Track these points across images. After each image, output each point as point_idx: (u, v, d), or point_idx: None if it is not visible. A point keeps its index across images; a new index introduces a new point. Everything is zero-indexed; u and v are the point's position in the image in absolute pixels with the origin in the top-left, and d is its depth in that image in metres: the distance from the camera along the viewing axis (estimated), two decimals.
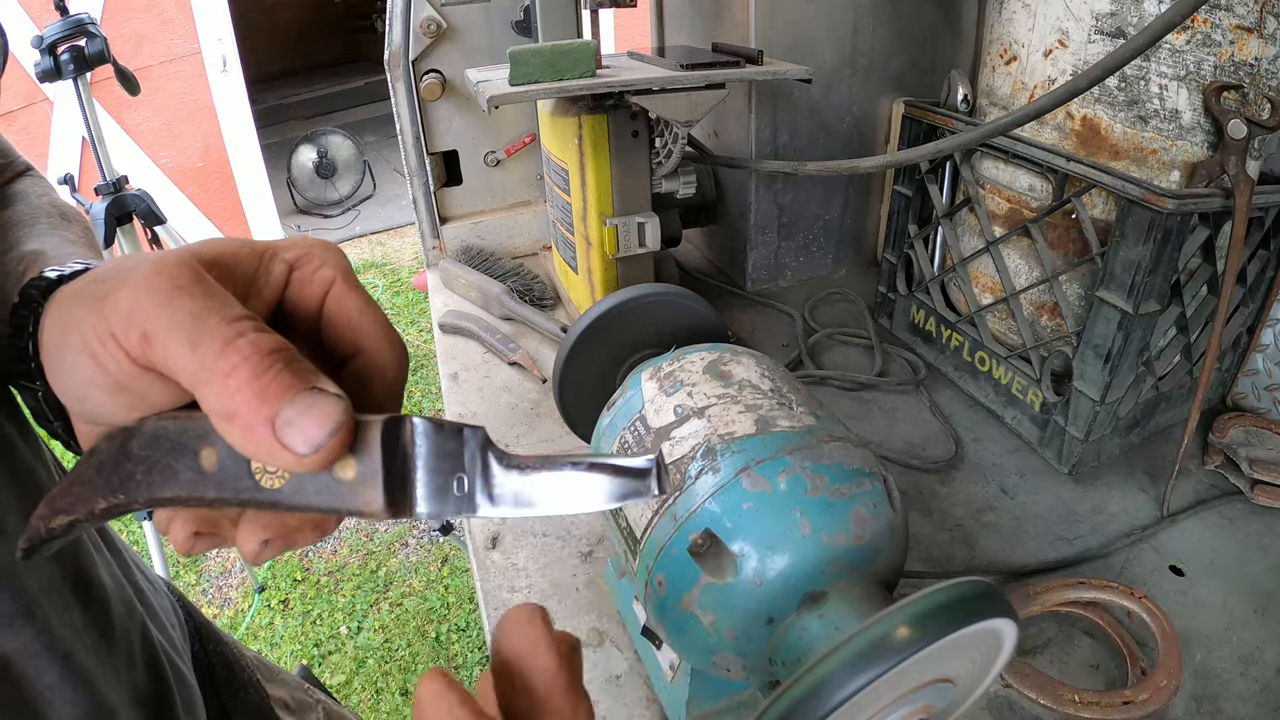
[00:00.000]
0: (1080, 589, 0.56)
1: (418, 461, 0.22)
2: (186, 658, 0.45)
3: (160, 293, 0.20)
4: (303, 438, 0.19)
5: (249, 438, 0.20)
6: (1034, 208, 0.73)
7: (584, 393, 0.60)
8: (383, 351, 0.26)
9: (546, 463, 0.23)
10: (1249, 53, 0.60)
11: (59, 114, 2.71)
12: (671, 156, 0.83)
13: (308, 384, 0.20)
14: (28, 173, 0.42)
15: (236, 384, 0.19)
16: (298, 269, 0.25)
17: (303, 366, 0.20)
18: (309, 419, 0.19)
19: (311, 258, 0.25)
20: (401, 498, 0.22)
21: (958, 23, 1.00)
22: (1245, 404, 0.79)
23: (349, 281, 0.25)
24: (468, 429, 0.23)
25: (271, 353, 0.20)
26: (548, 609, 0.25)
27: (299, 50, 5.84)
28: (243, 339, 0.20)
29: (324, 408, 0.20)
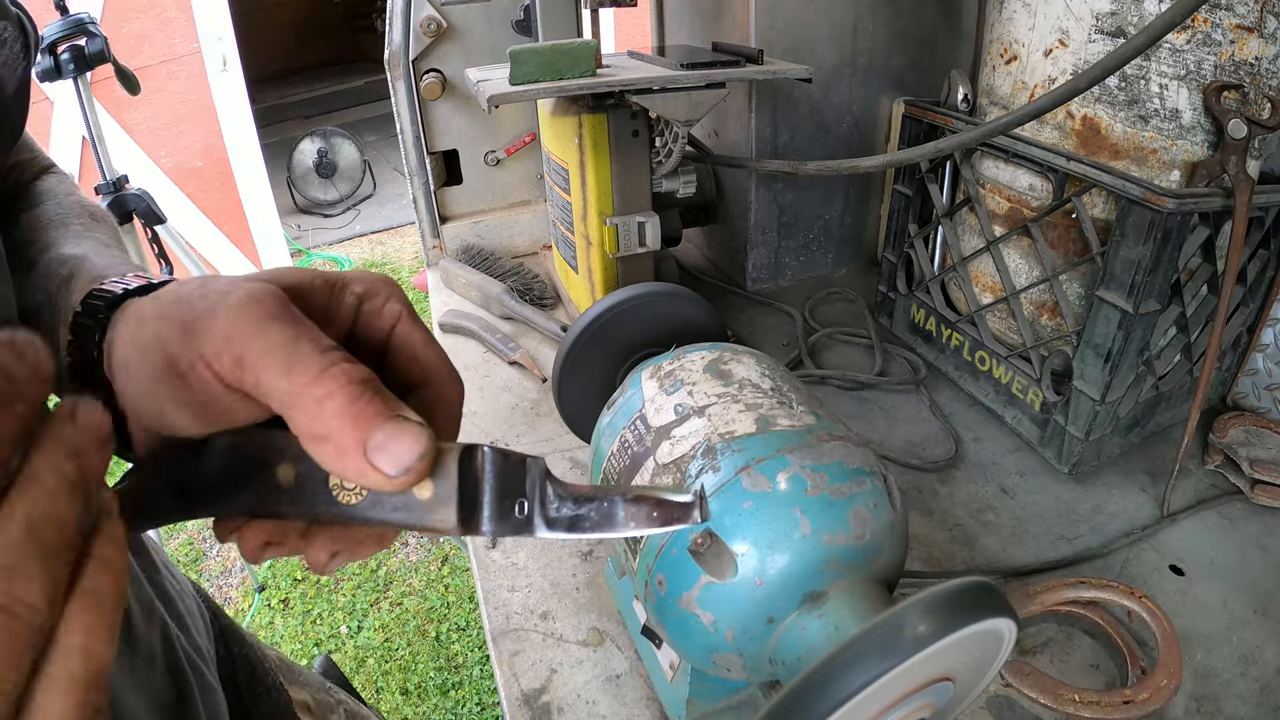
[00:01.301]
0: (1080, 589, 0.56)
1: (486, 486, 0.24)
2: (211, 662, 0.45)
3: (254, 321, 0.21)
4: (392, 460, 0.21)
5: (342, 458, 0.21)
6: (1034, 207, 0.73)
7: (584, 392, 0.60)
8: (446, 384, 0.27)
9: (598, 492, 0.26)
10: (1249, 52, 0.60)
11: (59, 114, 2.71)
12: (671, 156, 0.83)
13: (395, 411, 0.21)
14: (51, 170, 0.42)
15: (332, 409, 0.21)
16: (366, 301, 0.26)
17: (389, 395, 0.22)
18: (399, 444, 0.21)
19: (378, 291, 0.27)
20: (471, 517, 0.24)
21: (958, 22, 1.00)
22: (1245, 404, 0.79)
23: (414, 316, 0.27)
24: (530, 459, 0.25)
25: (363, 382, 0.21)
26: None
27: (299, 50, 5.84)
28: (336, 367, 0.21)
29: (413, 434, 0.21)
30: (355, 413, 0.21)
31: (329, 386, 0.21)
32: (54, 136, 2.74)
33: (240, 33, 2.99)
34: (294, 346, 0.21)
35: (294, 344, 0.21)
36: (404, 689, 1.60)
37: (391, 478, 0.21)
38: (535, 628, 0.59)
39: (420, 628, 1.74)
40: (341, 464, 0.21)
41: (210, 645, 0.47)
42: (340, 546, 0.25)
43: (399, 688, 1.60)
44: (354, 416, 0.21)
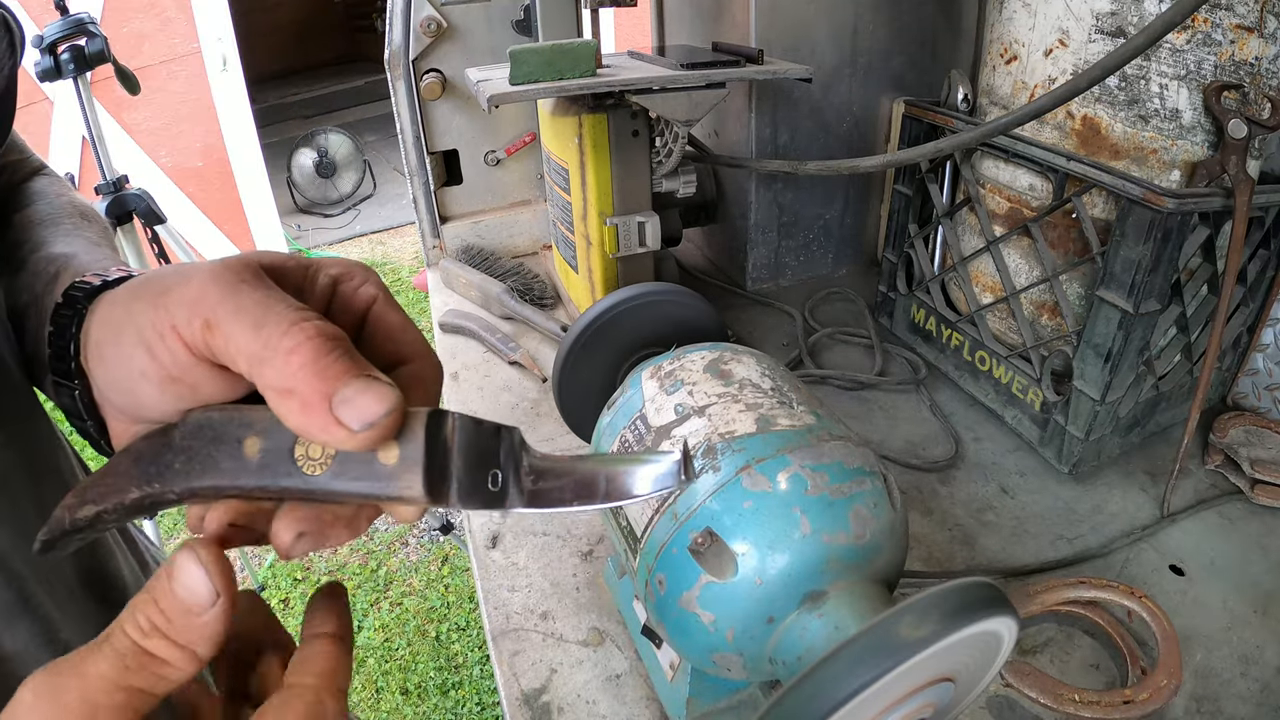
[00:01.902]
0: (1080, 589, 0.56)
1: (455, 454, 0.23)
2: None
3: (226, 285, 0.22)
4: (357, 415, 0.21)
5: (306, 413, 0.21)
6: (1034, 207, 0.73)
7: (584, 392, 0.60)
8: (424, 364, 0.27)
9: (576, 463, 0.24)
10: (1249, 52, 0.60)
11: (59, 113, 2.71)
12: (672, 156, 0.83)
13: (365, 370, 0.21)
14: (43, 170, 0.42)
15: (299, 361, 0.21)
16: (341, 284, 0.27)
17: (359, 356, 0.22)
18: (366, 398, 0.21)
19: (354, 275, 0.27)
20: (440, 486, 0.23)
21: (958, 22, 1.00)
22: (1245, 403, 0.79)
23: (389, 299, 0.27)
24: (504, 428, 0.24)
25: (334, 337, 0.21)
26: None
27: (299, 50, 5.84)
28: (307, 323, 0.21)
29: (379, 390, 0.21)
30: (323, 367, 0.21)
31: (298, 338, 0.21)
32: (54, 136, 2.74)
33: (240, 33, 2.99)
34: (265, 305, 0.21)
35: (265, 303, 0.21)
36: (404, 689, 1.60)
37: (355, 433, 0.21)
38: (535, 628, 0.59)
39: (420, 628, 1.74)
40: (306, 419, 0.21)
41: None
42: (306, 527, 0.25)
43: (399, 688, 1.60)
44: (321, 370, 0.21)
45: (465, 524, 0.71)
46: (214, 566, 0.22)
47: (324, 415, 0.21)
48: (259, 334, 0.21)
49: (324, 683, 0.24)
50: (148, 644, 0.22)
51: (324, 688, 0.24)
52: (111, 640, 0.22)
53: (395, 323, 0.27)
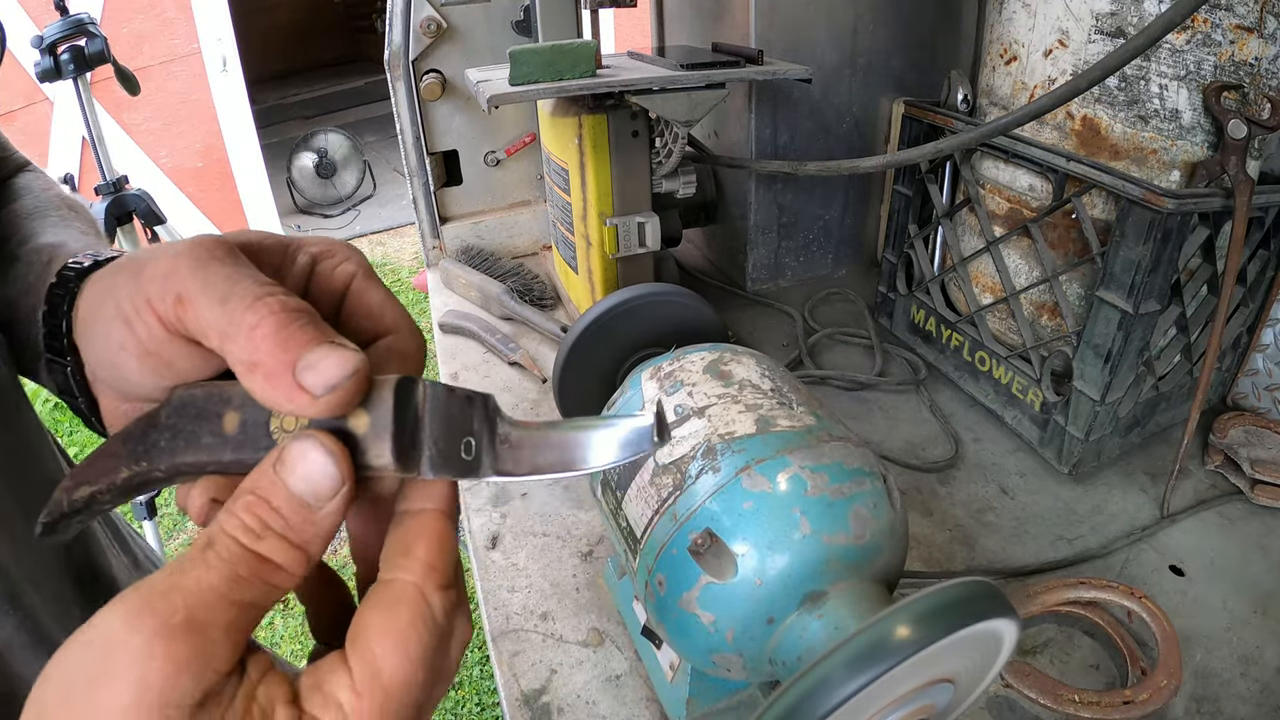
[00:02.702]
0: (1080, 589, 0.56)
1: (426, 421, 0.23)
2: None
3: (197, 260, 0.22)
4: (320, 379, 0.21)
5: (270, 383, 0.21)
6: (1034, 208, 0.73)
7: (584, 393, 0.60)
8: (405, 336, 0.27)
9: (549, 428, 0.24)
10: (1249, 52, 0.60)
11: (59, 114, 2.71)
12: (671, 156, 0.83)
13: (329, 338, 0.21)
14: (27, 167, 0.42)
15: (262, 334, 0.21)
16: (321, 261, 0.26)
17: (325, 325, 0.22)
18: (328, 362, 0.21)
19: (334, 253, 0.27)
20: (410, 453, 0.22)
21: (958, 23, 1.00)
22: (1245, 404, 0.79)
23: (370, 275, 0.27)
24: (478, 395, 0.24)
25: (296, 309, 0.21)
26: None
27: (299, 50, 5.84)
28: (271, 297, 0.21)
29: (341, 354, 0.21)
30: (285, 337, 0.21)
31: (261, 313, 0.21)
32: (54, 137, 2.74)
33: (240, 33, 2.99)
34: (232, 281, 0.22)
35: (232, 279, 0.22)
36: None
37: (318, 398, 0.21)
38: (535, 628, 0.59)
39: None
40: (272, 389, 0.21)
41: None
42: None
43: None
44: (284, 340, 0.21)
45: (465, 524, 0.71)
46: (340, 452, 0.21)
47: (288, 383, 0.21)
48: (225, 308, 0.21)
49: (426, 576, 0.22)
50: (260, 547, 0.20)
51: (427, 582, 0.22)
52: (215, 548, 0.20)
53: (375, 299, 0.27)
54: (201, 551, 0.20)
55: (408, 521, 0.24)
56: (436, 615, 0.22)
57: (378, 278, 0.27)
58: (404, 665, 0.21)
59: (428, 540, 0.23)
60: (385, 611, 0.22)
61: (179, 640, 0.18)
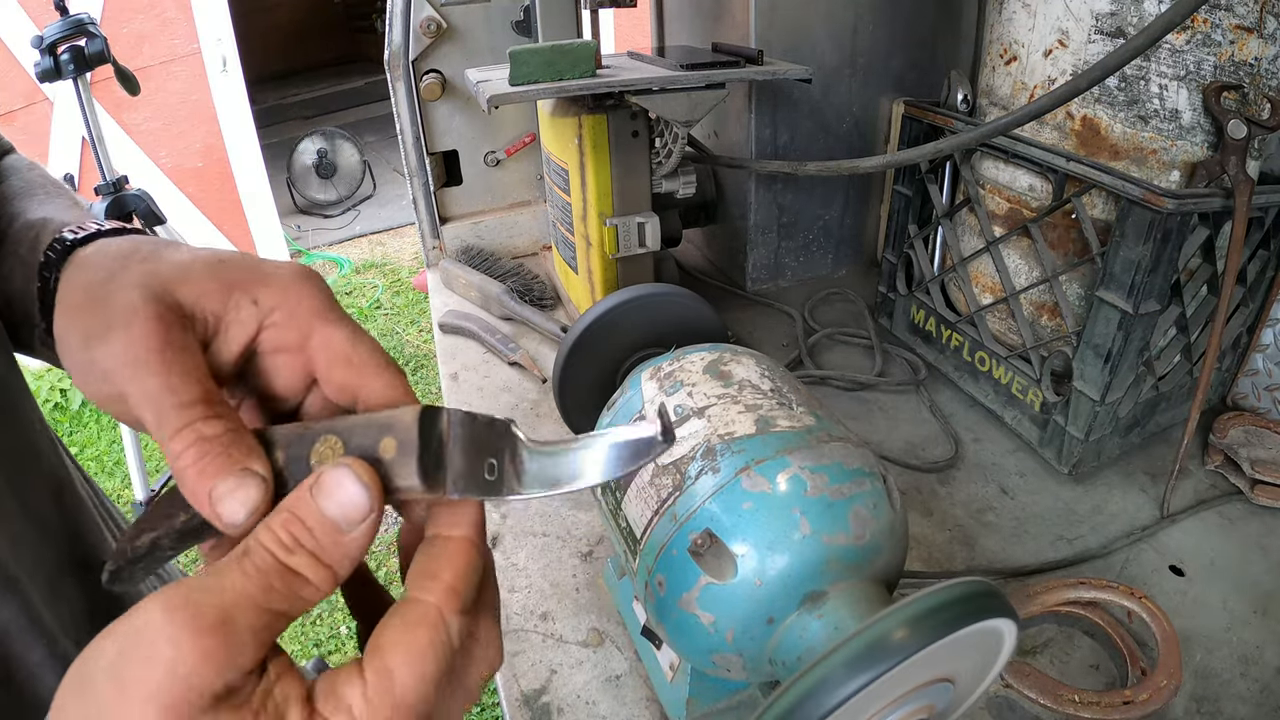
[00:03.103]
0: (1080, 589, 0.56)
1: (452, 445, 0.24)
2: None
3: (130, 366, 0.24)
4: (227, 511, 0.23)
5: (193, 501, 0.24)
6: (1034, 208, 0.73)
7: (584, 393, 0.60)
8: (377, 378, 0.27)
9: (565, 444, 0.26)
10: (1249, 53, 0.60)
11: (59, 114, 2.71)
12: (671, 156, 0.83)
13: (239, 465, 0.23)
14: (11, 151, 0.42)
15: (183, 465, 0.23)
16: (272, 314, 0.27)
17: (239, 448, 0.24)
18: (234, 499, 0.23)
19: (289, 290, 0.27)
20: (435, 475, 0.24)
21: (958, 23, 1.00)
22: (1245, 404, 0.79)
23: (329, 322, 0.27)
24: (499, 421, 0.26)
25: (212, 439, 0.23)
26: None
27: (299, 50, 5.84)
28: (189, 429, 0.23)
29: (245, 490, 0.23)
30: (199, 470, 0.23)
31: (180, 445, 0.23)
32: (54, 137, 2.74)
33: (240, 33, 2.99)
34: (159, 400, 0.24)
35: (160, 397, 0.24)
36: None
37: (230, 525, 0.23)
38: (535, 628, 0.59)
39: None
40: (195, 505, 0.24)
41: None
42: None
43: None
44: (199, 474, 0.23)
45: None
46: (372, 481, 0.23)
47: (206, 507, 0.23)
48: (157, 431, 0.24)
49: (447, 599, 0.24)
50: (292, 561, 0.22)
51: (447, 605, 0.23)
52: (251, 557, 0.22)
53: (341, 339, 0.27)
54: (239, 560, 0.22)
55: (435, 545, 0.25)
56: (453, 638, 0.23)
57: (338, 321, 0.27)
58: (417, 683, 0.22)
59: (452, 564, 0.24)
60: (405, 630, 0.23)
61: (210, 634, 0.20)
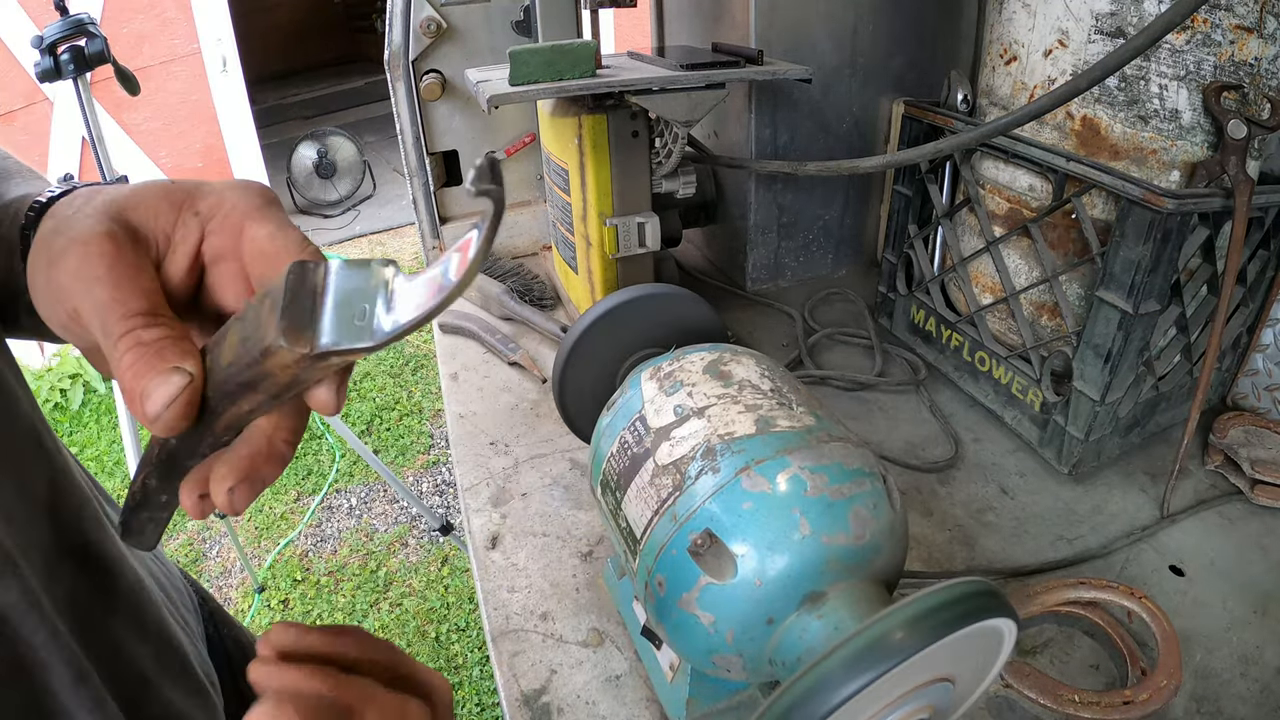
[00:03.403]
0: (1080, 589, 0.56)
1: (327, 297, 0.24)
2: (201, 642, 0.46)
3: (83, 280, 0.26)
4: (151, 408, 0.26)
5: (130, 402, 0.26)
6: (1034, 208, 0.73)
7: (584, 393, 0.60)
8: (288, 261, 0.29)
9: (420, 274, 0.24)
10: (1249, 53, 0.60)
11: (59, 114, 2.71)
12: (671, 156, 0.83)
13: (169, 365, 0.26)
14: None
15: (123, 369, 0.26)
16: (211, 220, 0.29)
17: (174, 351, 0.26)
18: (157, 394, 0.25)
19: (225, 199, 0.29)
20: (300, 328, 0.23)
21: (958, 23, 1.00)
22: (1245, 404, 0.79)
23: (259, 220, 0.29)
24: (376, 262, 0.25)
25: (149, 343, 0.26)
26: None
27: (299, 50, 5.84)
28: (129, 335, 0.26)
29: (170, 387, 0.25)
30: (136, 372, 0.25)
31: (121, 350, 0.26)
32: (54, 137, 2.74)
33: (240, 33, 2.99)
34: (107, 311, 0.26)
35: (107, 308, 0.26)
36: None
37: (150, 418, 0.26)
38: (535, 628, 0.59)
39: (420, 628, 1.74)
40: (130, 405, 0.26)
41: (199, 626, 0.47)
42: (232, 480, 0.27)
43: None
44: (135, 375, 0.25)
45: (465, 525, 0.71)
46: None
47: (137, 405, 0.26)
48: (104, 339, 0.26)
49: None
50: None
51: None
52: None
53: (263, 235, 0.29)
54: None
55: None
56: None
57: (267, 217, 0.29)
58: None
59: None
60: None
61: None
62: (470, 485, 0.73)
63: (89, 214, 0.27)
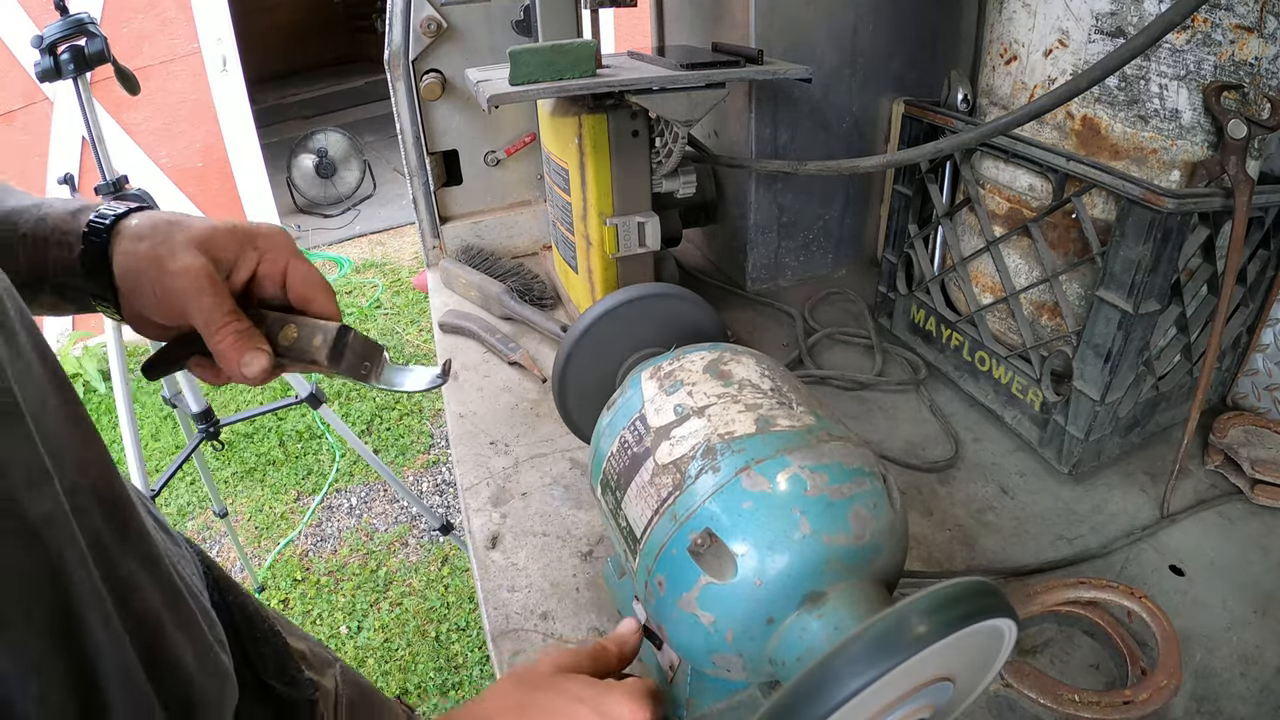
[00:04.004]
0: (1080, 589, 0.56)
1: (349, 349, 0.45)
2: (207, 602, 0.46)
3: (192, 294, 0.42)
4: (249, 372, 0.43)
5: (229, 368, 0.43)
6: (1034, 207, 0.73)
7: (584, 392, 0.60)
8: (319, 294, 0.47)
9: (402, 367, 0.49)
10: (1249, 52, 0.60)
11: (59, 114, 2.71)
12: (671, 156, 0.83)
13: (252, 344, 0.43)
14: None
15: (224, 346, 0.42)
16: (265, 255, 0.46)
17: (255, 336, 0.44)
18: (251, 364, 0.43)
19: (272, 247, 0.46)
20: (336, 360, 0.45)
21: (958, 23, 1.00)
22: (1245, 404, 0.79)
23: (298, 257, 0.47)
24: (378, 345, 0.47)
25: (240, 333, 0.43)
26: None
27: (299, 50, 5.84)
28: (228, 326, 0.43)
29: (258, 363, 0.43)
30: (235, 349, 0.42)
31: (223, 335, 0.42)
32: (54, 137, 2.74)
33: (240, 33, 2.99)
34: (211, 313, 0.42)
35: (211, 312, 0.42)
36: (404, 689, 1.60)
37: (249, 377, 0.43)
38: (535, 628, 0.59)
39: (420, 628, 1.74)
40: (230, 371, 0.43)
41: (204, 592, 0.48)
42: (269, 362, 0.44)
43: (399, 688, 1.60)
44: (235, 350, 0.42)
45: (465, 524, 0.71)
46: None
47: (236, 371, 0.43)
48: (208, 330, 0.42)
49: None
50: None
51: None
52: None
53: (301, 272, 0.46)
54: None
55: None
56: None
57: (302, 258, 0.47)
58: None
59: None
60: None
61: None
62: (470, 485, 0.73)
63: (184, 245, 0.43)
